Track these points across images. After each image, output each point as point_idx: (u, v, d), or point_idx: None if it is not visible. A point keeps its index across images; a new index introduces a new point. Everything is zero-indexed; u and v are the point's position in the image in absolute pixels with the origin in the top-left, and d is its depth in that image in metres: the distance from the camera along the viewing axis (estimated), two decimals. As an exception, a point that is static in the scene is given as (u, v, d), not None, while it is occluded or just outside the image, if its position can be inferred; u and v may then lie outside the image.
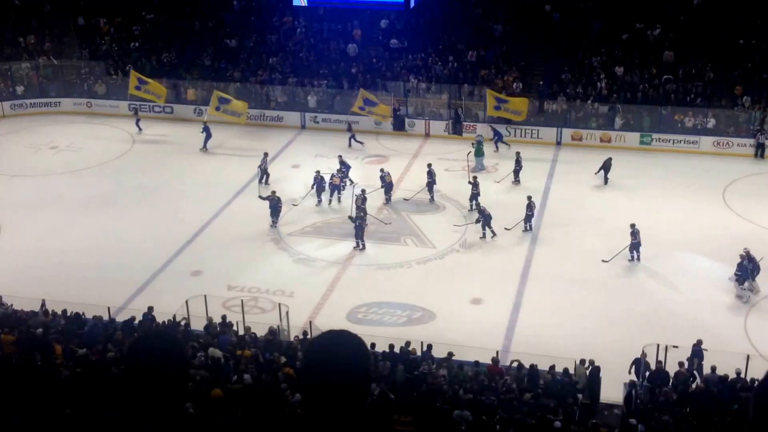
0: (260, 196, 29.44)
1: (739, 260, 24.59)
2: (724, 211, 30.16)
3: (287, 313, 22.63)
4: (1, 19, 44.79)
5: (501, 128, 36.52)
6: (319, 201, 30.69)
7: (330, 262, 26.98)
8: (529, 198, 28.56)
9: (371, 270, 26.56)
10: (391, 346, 20.20)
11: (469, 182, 30.14)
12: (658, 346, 20.23)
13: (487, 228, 28.01)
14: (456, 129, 37.57)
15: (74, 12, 45.06)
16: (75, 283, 25.13)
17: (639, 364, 20.10)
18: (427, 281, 25.79)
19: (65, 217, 30.10)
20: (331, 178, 30.95)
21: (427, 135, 37.88)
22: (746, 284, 24.51)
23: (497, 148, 35.80)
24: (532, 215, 28.49)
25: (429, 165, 31.33)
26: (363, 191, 29.19)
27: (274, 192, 29.09)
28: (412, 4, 36.50)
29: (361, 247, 27.41)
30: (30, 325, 20.72)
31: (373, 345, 18.92)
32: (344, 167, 31.58)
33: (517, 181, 32.32)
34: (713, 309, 24.11)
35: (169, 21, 44.94)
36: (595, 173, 32.34)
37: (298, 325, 22.62)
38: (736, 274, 24.64)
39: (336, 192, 30.99)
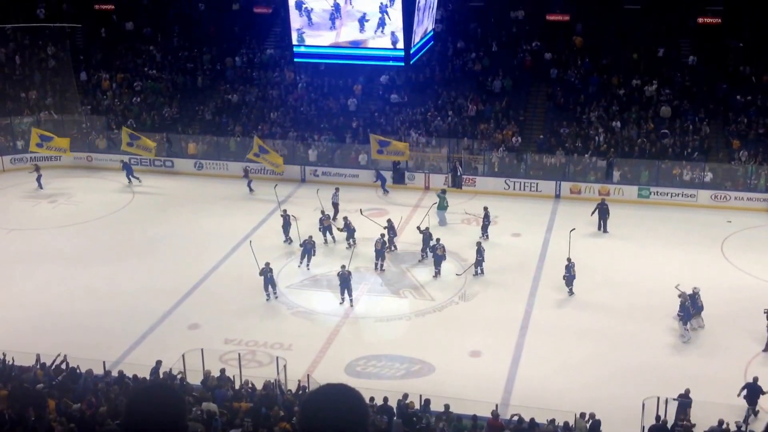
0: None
1: (682, 300, 25.03)
2: (723, 263, 30.18)
3: (285, 366, 22.43)
4: (4, 75, 45.34)
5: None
6: (288, 240, 31.46)
7: (328, 314, 26.85)
8: (479, 244, 29.28)
9: (370, 322, 26.44)
10: (385, 399, 19.97)
11: (419, 230, 30.39)
12: (658, 398, 20.04)
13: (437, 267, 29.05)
14: (455, 182, 37.74)
15: (77, 67, 45.62)
16: (71, 337, 24.92)
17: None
18: (425, 334, 25.64)
19: (62, 269, 30.05)
20: (320, 222, 31.57)
21: (427, 188, 38.04)
22: (689, 324, 24.96)
23: (385, 191, 37.16)
24: (482, 260, 28.94)
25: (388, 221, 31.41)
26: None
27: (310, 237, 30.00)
28: (411, 60, 36.87)
29: (341, 301, 27.20)
30: (23, 380, 20.53)
31: (371, 398, 18.77)
32: (347, 228, 31.72)
33: (485, 236, 32.15)
34: (712, 360, 23.92)
35: (170, 77, 45.47)
36: (591, 215, 32.70)
37: (295, 378, 22.43)
38: (678, 314, 25.10)
39: (328, 233, 31.62)
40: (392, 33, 23.45)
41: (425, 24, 25.76)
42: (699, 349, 24.63)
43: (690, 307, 24.98)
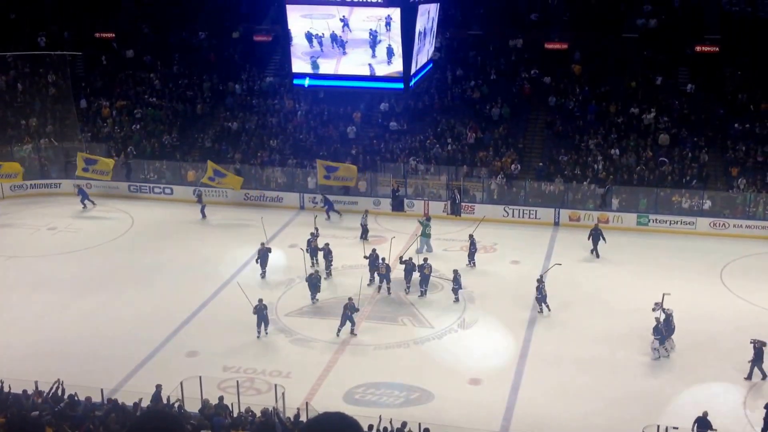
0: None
1: (656, 323, 25.26)
2: (722, 291, 30.15)
3: (283, 394, 22.31)
4: (5, 102, 45.52)
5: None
6: (263, 273, 31.09)
7: (327, 342, 26.74)
8: (455, 271, 29.31)
9: (368, 350, 26.33)
10: (385, 429, 19.86)
11: (401, 260, 30.37)
12: (658, 427, 19.93)
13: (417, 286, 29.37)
14: (454, 209, 37.77)
15: (77, 95, 45.82)
16: (69, 364, 24.81)
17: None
18: (424, 361, 25.53)
19: (61, 297, 29.99)
20: (308, 243, 31.83)
21: (426, 215, 38.01)
22: (666, 344, 25.29)
23: (328, 216, 37.29)
24: (459, 287, 29.10)
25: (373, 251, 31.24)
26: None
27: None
28: (411, 86, 37.04)
29: (338, 333, 27.04)
30: (22, 407, 20.41)
31: (370, 427, 18.66)
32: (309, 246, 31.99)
33: (472, 263, 32.17)
34: (712, 390, 23.81)
35: (170, 104, 45.66)
36: (588, 239, 33.10)
37: (294, 406, 22.29)
38: (655, 337, 25.36)
39: (314, 256, 31.70)
40: (388, 50, 23.42)
41: (425, 51, 25.90)
42: (698, 378, 24.48)
43: (663, 329, 25.28)
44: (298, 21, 23.64)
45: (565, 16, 46.66)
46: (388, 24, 22.69)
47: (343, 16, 23.12)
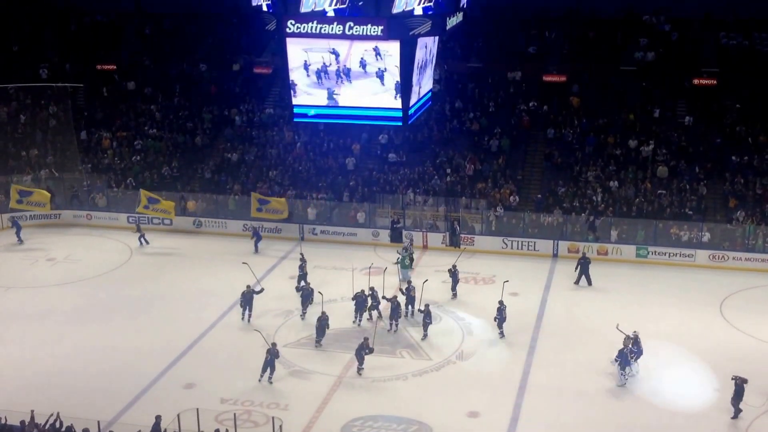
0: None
1: (621, 347, 25.51)
2: (722, 324, 30.10)
3: (281, 426, 22.22)
4: (6, 133, 45.72)
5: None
6: (246, 315, 30.46)
7: (325, 374, 26.63)
8: (427, 306, 29.04)
9: (367, 383, 26.20)
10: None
11: (385, 299, 29.96)
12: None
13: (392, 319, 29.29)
14: (453, 241, 37.77)
15: (78, 126, 46.03)
16: (66, 395, 24.73)
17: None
18: (423, 394, 25.41)
19: (59, 328, 29.91)
20: (300, 268, 32.45)
21: (425, 247, 38.09)
22: (627, 369, 25.40)
23: (257, 249, 37.57)
24: (430, 323, 28.94)
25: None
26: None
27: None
28: (410, 120, 37.19)
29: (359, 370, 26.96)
30: (18, 439, 20.32)
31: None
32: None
33: (453, 295, 32.12)
34: (709, 423, 23.68)
35: (171, 135, 45.85)
36: (575, 270, 33.53)
37: (291, 439, 22.20)
38: (616, 359, 25.70)
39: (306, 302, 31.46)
40: (378, 74, 23.54)
41: (423, 84, 26.05)
42: (699, 410, 24.36)
43: (628, 354, 25.38)
44: (299, 54, 23.79)
45: (563, 49, 47.02)
46: (377, 54, 22.85)
47: (333, 49, 23.27)
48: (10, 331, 29.75)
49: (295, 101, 24.91)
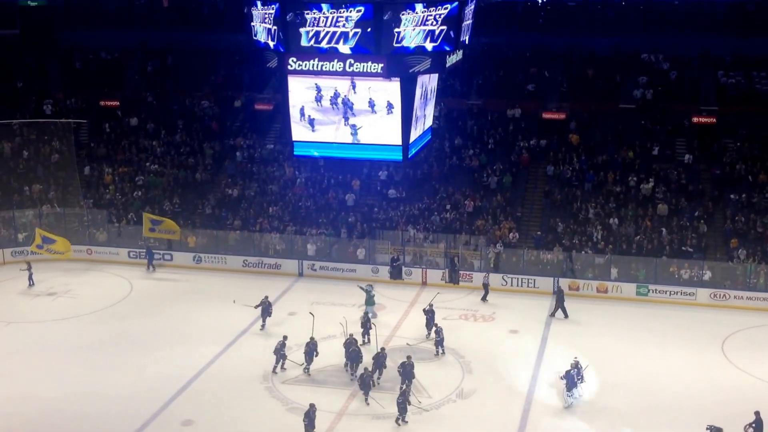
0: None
1: (568, 368, 26.38)
2: (723, 363, 29.94)
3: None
4: (9, 168, 45.92)
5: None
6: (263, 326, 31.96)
7: (324, 411, 26.44)
8: (407, 360, 27.70)
9: (367, 420, 26.05)
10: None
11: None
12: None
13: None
14: (452, 278, 37.72)
15: (80, 162, 46.24)
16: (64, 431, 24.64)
17: None
18: (423, 431, 25.28)
19: (57, 363, 29.79)
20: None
21: (425, 283, 38.04)
22: (573, 391, 26.20)
23: (153, 267, 39.11)
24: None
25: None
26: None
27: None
28: (410, 157, 37.35)
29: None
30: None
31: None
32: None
33: (428, 335, 31.47)
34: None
35: (172, 171, 46.04)
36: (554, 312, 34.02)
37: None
38: (562, 377, 26.52)
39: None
40: (371, 103, 23.71)
41: (423, 121, 26.18)
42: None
43: (575, 376, 26.26)
44: (301, 92, 23.95)
45: (562, 86, 47.36)
46: (353, 86, 23.06)
47: (318, 88, 23.56)
48: (10, 365, 29.60)
49: (294, 137, 24.98)
